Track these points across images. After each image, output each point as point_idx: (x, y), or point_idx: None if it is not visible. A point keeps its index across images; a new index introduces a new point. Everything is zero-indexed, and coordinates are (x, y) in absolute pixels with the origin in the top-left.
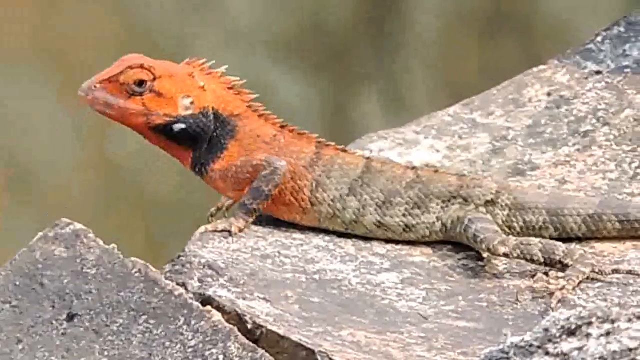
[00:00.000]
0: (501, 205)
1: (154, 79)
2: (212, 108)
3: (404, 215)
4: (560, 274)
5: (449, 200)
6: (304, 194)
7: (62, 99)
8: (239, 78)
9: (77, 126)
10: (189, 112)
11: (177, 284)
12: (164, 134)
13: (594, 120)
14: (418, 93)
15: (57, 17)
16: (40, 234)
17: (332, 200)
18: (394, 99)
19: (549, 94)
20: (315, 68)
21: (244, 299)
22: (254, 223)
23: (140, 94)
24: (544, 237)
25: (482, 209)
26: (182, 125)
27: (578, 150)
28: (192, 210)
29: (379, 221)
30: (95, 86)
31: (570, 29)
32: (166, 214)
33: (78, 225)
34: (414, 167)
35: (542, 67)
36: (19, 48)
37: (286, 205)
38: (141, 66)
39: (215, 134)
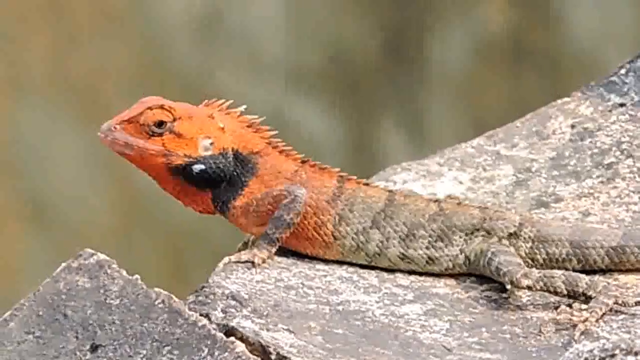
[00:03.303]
0: (524, 238)
1: (174, 120)
2: (232, 149)
3: (427, 248)
4: (583, 306)
5: (472, 233)
6: (327, 229)
7: (83, 133)
8: (257, 116)
9: (99, 159)
10: (209, 153)
11: (201, 314)
12: (183, 175)
13: (617, 153)
14: (441, 125)
15: (77, 53)
16: (64, 264)
17: (355, 233)
18: (418, 131)
19: (572, 127)
20: (338, 100)
21: (267, 330)
22: (278, 254)
23: (160, 134)
24: (567, 270)
25: (505, 241)
26: (202, 166)
27: (602, 182)
28: (215, 241)
29: (402, 254)
30: (115, 127)
31: (594, 61)
32: (190, 244)
33: (102, 256)
34: (437, 200)
35: (565, 99)
36: (40, 83)
37: (309, 240)
38: (161, 107)
39: (235, 173)
